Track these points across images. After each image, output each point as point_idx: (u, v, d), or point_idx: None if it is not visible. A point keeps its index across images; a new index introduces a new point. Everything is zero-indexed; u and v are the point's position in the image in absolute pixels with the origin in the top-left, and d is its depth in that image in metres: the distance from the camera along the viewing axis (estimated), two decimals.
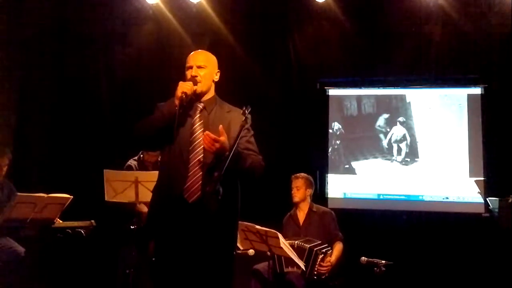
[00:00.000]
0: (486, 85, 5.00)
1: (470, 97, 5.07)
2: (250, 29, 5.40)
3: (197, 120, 2.51)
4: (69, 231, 3.93)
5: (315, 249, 3.73)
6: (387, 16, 5.17)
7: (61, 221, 3.97)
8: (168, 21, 5.45)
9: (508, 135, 4.78)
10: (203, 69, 2.55)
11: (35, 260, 4.01)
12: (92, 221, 4.09)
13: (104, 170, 3.88)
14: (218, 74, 2.62)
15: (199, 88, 2.52)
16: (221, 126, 2.39)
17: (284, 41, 5.45)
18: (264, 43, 5.40)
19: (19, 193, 3.79)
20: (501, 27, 4.90)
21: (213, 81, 2.60)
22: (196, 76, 2.52)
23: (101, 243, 4.54)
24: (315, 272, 3.71)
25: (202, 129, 2.47)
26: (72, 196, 3.81)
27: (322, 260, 3.72)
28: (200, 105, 2.55)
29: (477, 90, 5.05)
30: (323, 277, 3.74)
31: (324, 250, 3.76)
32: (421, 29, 5.12)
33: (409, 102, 5.22)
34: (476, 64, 5.03)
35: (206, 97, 2.58)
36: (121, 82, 5.46)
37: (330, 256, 3.80)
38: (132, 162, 4.26)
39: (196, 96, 2.54)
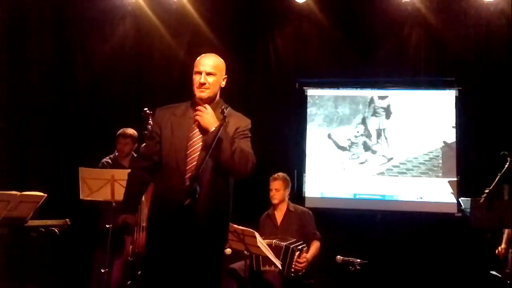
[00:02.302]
0: (460, 88, 5.12)
1: (445, 99, 5.17)
2: (230, 28, 5.39)
3: (197, 124, 2.50)
4: (43, 229, 3.85)
5: (291, 246, 3.76)
6: (366, 18, 5.23)
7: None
8: (147, 18, 5.40)
9: (481, 137, 4.90)
10: (212, 76, 2.54)
11: (7, 259, 3.92)
12: (67, 219, 4.03)
13: (79, 168, 3.82)
14: (225, 79, 2.63)
15: (207, 95, 2.53)
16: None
17: (263, 41, 5.47)
18: (243, 42, 5.40)
19: None
20: (476, 31, 5.02)
21: (220, 86, 2.61)
22: (205, 84, 2.52)
23: (75, 242, 4.47)
24: (292, 270, 3.74)
25: (201, 135, 2.48)
26: (46, 195, 3.74)
27: (299, 257, 3.76)
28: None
29: (452, 92, 5.15)
30: (300, 274, 3.77)
31: (300, 247, 3.79)
32: (399, 32, 5.20)
33: (386, 103, 5.29)
34: (452, 66, 5.14)
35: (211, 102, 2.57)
36: (98, 78, 5.38)
37: (306, 252, 3.83)
38: (106, 160, 4.21)
39: (202, 102, 2.54)
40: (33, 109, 5.21)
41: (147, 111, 3.91)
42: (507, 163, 3.81)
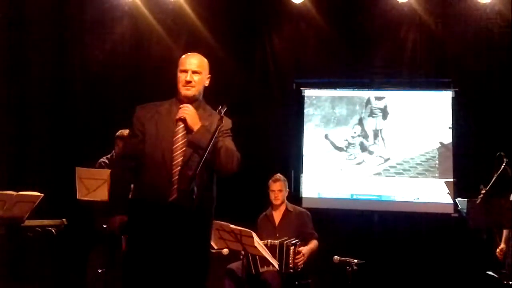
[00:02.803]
0: (457, 89, 5.13)
1: (441, 100, 5.19)
2: (227, 28, 5.39)
3: (181, 122, 2.51)
4: (39, 229, 3.84)
5: (285, 242, 3.78)
6: (363, 19, 5.25)
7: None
8: (144, 18, 5.39)
9: (477, 138, 4.92)
10: (198, 74, 2.57)
11: (4, 259, 3.90)
12: (64, 219, 4.01)
13: (76, 168, 3.81)
14: (209, 79, 2.66)
15: (192, 93, 2.55)
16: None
17: (261, 41, 5.47)
18: (241, 42, 5.41)
19: None
20: (473, 33, 5.04)
21: (204, 85, 2.64)
22: (191, 82, 2.55)
23: (72, 242, 4.46)
24: (290, 266, 3.75)
25: (185, 131, 2.49)
26: (42, 194, 3.73)
27: (294, 252, 3.77)
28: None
29: (448, 94, 5.17)
30: (298, 269, 3.77)
31: (293, 242, 3.81)
32: (396, 33, 5.22)
33: (382, 104, 5.30)
34: (448, 68, 5.16)
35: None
36: (96, 78, 5.36)
37: (302, 247, 3.84)
38: (104, 160, 4.20)
39: (187, 100, 2.56)
40: (30, 108, 5.19)
41: None
42: (503, 164, 3.83)
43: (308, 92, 5.45)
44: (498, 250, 3.92)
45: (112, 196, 2.59)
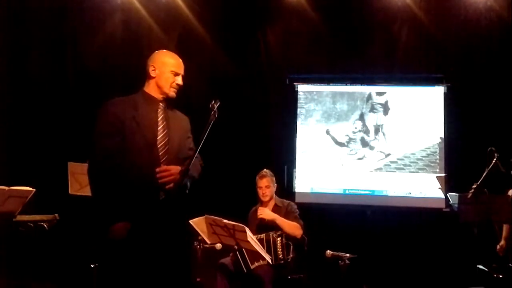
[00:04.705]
0: (449, 84, 5.16)
1: (433, 95, 5.22)
2: (220, 23, 5.37)
3: (161, 121, 2.53)
4: (31, 224, 3.82)
5: (270, 234, 3.80)
6: (357, 14, 5.25)
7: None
8: (137, 12, 5.36)
9: (468, 133, 4.96)
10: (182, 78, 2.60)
11: None
12: (56, 214, 4.00)
13: (69, 163, 3.79)
14: None
15: (175, 95, 2.57)
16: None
17: (254, 36, 5.46)
18: (234, 38, 5.39)
19: None
20: (465, 28, 5.07)
21: None
22: (181, 86, 2.57)
23: (64, 237, 4.45)
24: (280, 257, 3.77)
25: (167, 130, 2.51)
26: (34, 189, 3.71)
27: (282, 243, 3.79)
28: (162, 104, 2.58)
29: (440, 89, 5.20)
30: (289, 260, 3.80)
31: (279, 234, 3.82)
32: (389, 28, 5.23)
33: (383, 99, 5.30)
34: (440, 63, 5.18)
35: None
36: (88, 73, 5.33)
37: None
38: None
39: (166, 100, 2.58)
40: (22, 103, 5.16)
41: None
42: (494, 159, 3.86)
43: (301, 88, 5.45)
44: (498, 246, 3.96)
45: (105, 201, 2.43)
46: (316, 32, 5.33)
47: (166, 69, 2.54)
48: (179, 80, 2.56)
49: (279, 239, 3.80)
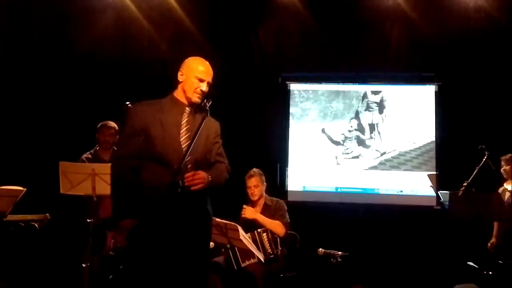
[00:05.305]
0: (440, 83, 5.20)
1: (426, 94, 5.25)
2: (213, 22, 5.37)
3: (185, 124, 2.56)
4: (22, 224, 3.80)
5: (255, 231, 3.81)
6: (349, 13, 5.27)
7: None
8: (128, 10, 5.34)
9: (459, 131, 5.00)
10: (209, 85, 2.62)
11: None
12: (47, 214, 3.97)
13: (60, 162, 3.77)
14: None
15: (200, 101, 2.58)
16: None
17: (247, 35, 5.46)
18: (226, 36, 5.38)
19: None
20: (456, 28, 5.10)
21: None
22: (205, 93, 2.59)
23: (56, 237, 4.42)
24: (269, 251, 3.79)
25: (188, 134, 2.54)
26: (25, 189, 3.68)
27: (268, 237, 3.81)
28: (188, 109, 2.61)
29: (431, 88, 5.23)
30: (278, 253, 3.81)
31: (264, 229, 3.84)
32: (381, 27, 5.25)
33: (379, 98, 5.32)
34: (432, 62, 5.22)
35: None
36: (78, 72, 5.30)
37: (269, 233, 3.86)
38: (86, 156, 4.16)
39: (191, 105, 2.60)
40: (12, 102, 5.12)
41: (129, 105, 3.88)
42: (485, 157, 3.90)
43: (296, 86, 5.46)
44: (489, 244, 3.99)
45: (120, 198, 2.54)
46: (308, 31, 5.34)
47: (192, 75, 2.59)
48: (204, 86, 2.58)
49: (264, 234, 3.82)
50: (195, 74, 2.58)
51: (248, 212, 3.93)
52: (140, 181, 2.49)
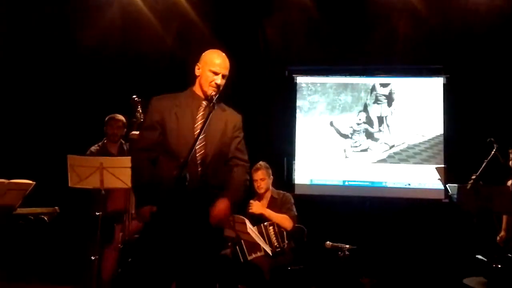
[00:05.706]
0: (448, 75, 5.15)
1: (434, 86, 5.21)
2: (219, 16, 5.34)
3: (200, 117, 2.56)
4: (32, 217, 3.83)
5: (261, 224, 3.82)
6: (356, 6, 5.22)
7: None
8: (134, 4, 5.33)
9: (467, 124, 4.96)
10: (224, 78, 2.62)
11: None
12: (56, 207, 4.00)
13: (68, 156, 3.79)
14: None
15: (216, 94, 2.59)
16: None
17: (253, 28, 5.44)
18: (233, 30, 5.36)
19: None
20: (464, 20, 5.04)
21: None
22: (220, 86, 2.59)
23: (65, 230, 4.46)
24: (276, 245, 3.80)
25: (205, 127, 2.51)
26: (34, 182, 3.71)
27: (275, 230, 3.82)
28: (205, 102, 2.61)
29: (440, 80, 5.19)
30: (285, 247, 3.82)
31: (270, 223, 3.85)
32: (388, 20, 5.21)
33: (387, 90, 5.29)
34: (440, 55, 5.17)
35: None
36: (85, 65, 5.31)
37: (276, 226, 3.85)
38: (94, 148, 4.18)
39: (208, 98, 2.59)
40: (21, 96, 5.15)
41: (136, 99, 3.90)
42: (494, 150, 3.86)
43: (304, 79, 5.43)
44: (498, 237, 3.97)
45: (138, 188, 2.57)
46: (315, 23, 5.31)
47: (206, 68, 2.59)
48: (218, 79, 2.57)
49: (271, 228, 3.83)
50: (210, 67, 2.58)
51: (255, 207, 3.93)
52: (155, 173, 2.54)
